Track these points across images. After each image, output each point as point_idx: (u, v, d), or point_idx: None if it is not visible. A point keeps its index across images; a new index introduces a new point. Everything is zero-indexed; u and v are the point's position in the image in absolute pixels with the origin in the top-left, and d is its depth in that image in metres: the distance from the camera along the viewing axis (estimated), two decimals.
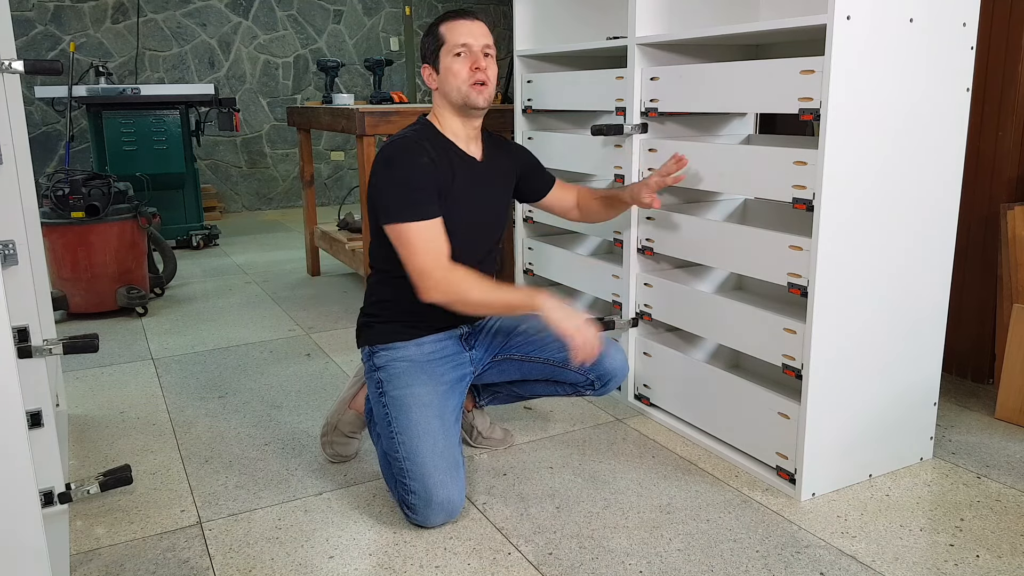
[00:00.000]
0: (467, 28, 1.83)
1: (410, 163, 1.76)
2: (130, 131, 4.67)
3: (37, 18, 5.52)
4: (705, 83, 1.98)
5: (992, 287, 2.45)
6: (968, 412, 2.32)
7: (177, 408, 2.43)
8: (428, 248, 1.72)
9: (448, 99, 1.85)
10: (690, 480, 1.93)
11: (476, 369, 1.95)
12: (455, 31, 1.82)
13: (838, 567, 1.57)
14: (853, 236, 1.75)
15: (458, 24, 1.83)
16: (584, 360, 1.73)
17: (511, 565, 1.60)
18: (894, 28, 1.69)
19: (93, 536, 1.72)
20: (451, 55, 1.82)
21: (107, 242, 3.33)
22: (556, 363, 1.90)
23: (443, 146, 1.85)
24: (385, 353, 1.86)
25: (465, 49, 1.81)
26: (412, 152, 1.78)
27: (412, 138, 1.82)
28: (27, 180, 1.98)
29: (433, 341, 1.89)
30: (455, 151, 1.86)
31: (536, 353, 1.92)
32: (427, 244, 1.72)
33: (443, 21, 1.85)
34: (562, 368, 1.90)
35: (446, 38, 1.82)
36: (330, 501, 1.86)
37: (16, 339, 1.27)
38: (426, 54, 1.87)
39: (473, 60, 1.82)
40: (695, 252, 2.08)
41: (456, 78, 1.81)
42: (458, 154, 1.86)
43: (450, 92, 1.83)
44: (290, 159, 6.54)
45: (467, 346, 1.95)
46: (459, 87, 1.81)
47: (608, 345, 1.90)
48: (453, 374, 1.87)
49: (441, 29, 1.84)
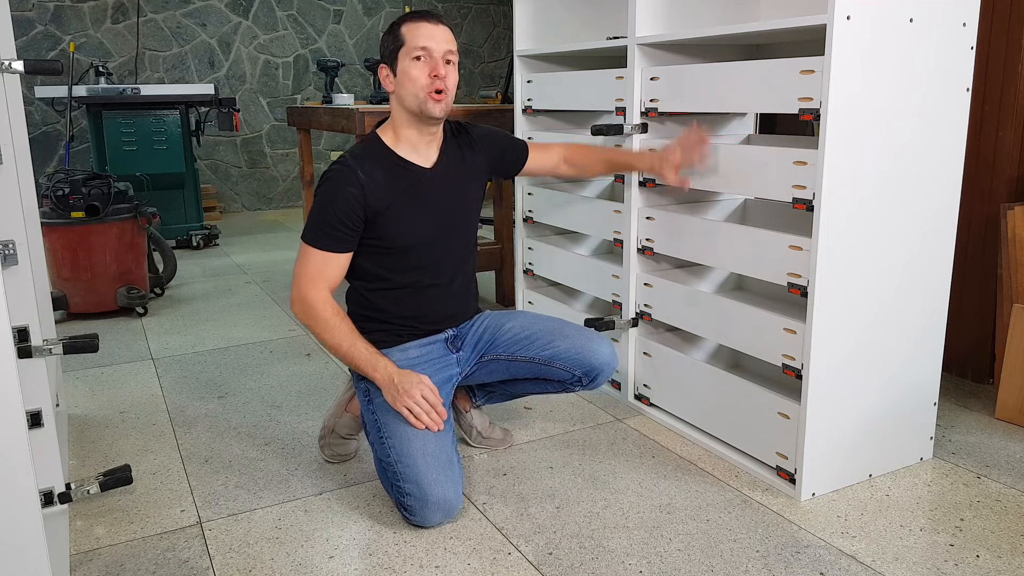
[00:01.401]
0: (429, 31, 1.75)
1: (334, 195, 1.76)
2: (130, 131, 4.67)
3: (37, 18, 5.52)
4: (705, 83, 1.98)
5: (992, 287, 2.45)
6: (968, 412, 2.32)
7: (177, 408, 2.43)
8: (314, 273, 1.78)
9: (403, 104, 1.79)
10: (690, 480, 1.93)
11: (464, 370, 1.95)
12: (416, 33, 1.75)
13: (838, 567, 1.57)
14: (853, 236, 1.75)
15: (421, 26, 1.76)
16: (422, 423, 1.73)
17: (511, 565, 1.60)
18: (894, 28, 1.69)
19: (93, 536, 1.72)
20: (410, 58, 1.75)
21: (107, 242, 3.33)
22: (541, 361, 1.90)
23: (385, 163, 1.82)
24: None
25: (425, 53, 1.74)
26: (340, 182, 1.77)
27: (349, 164, 1.78)
28: (27, 180, 1.98)
29: (418, 346, 1.90)
30: (400, 165, 1.83)
31: (522, 352, 1.91)
32: (316, 269, 1.78)
33: (405, 21, 1.78)
34: (548, 366, 1.90)
35: (406, 39, 1.75)
36: (330, 501, 1.86)
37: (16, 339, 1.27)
38: (384, 53, 1.80)
39: (433, 67, 1.75)
40: (695, 252, 2.08)
41: (414, 84, 1.74)
42: (403, 167, 1.83)
43: (406, 98, 1.77)
44: (290, 159, 6.54)
45: (453, 348, 1.95)
46: (416, 94, 1.75)
47: (592, 340, 1.89)
48: (439, 376, 1.87)
49: (402, 29, 1.77)
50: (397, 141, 1.85)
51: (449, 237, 1.90)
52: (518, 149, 2.11)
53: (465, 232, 1.96)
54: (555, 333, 1.90)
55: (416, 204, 1.83)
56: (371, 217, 1.78)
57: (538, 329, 1.92)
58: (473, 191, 1.98)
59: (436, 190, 1.87)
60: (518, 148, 2.11)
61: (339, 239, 1.78)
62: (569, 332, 1.91)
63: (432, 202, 1.86)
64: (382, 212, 1.78)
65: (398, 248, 1.83)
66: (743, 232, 1.92)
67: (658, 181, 2.18)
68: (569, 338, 1.89)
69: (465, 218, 1.95)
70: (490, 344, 1.94)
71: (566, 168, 2.16)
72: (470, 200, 1.97)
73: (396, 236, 1.81)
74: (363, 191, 1.76)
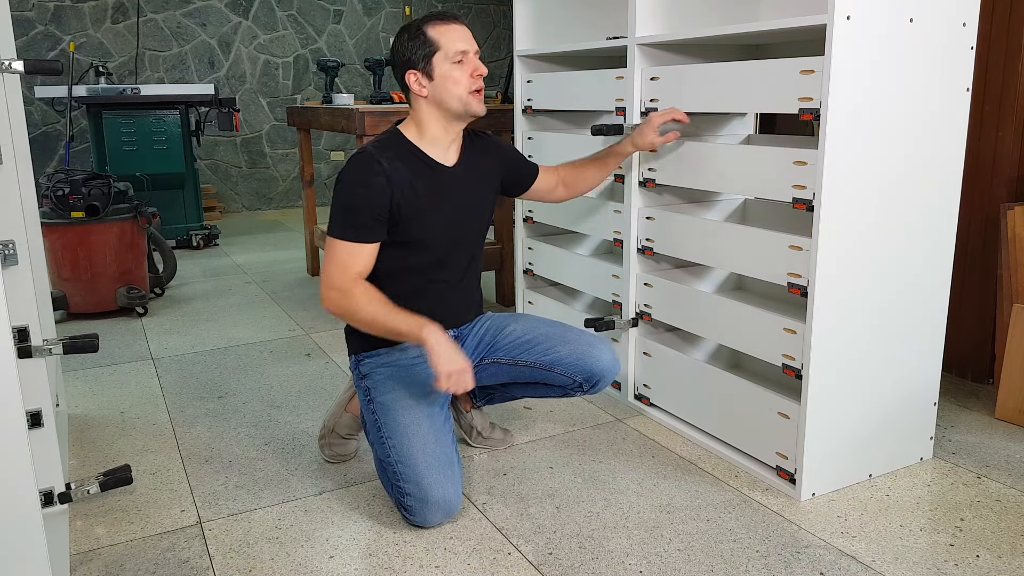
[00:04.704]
0: (459, 33, 1.79)
1: (359, 184, 1.76)
2: (130, 131, 4.67)
3: (37, 18, 5.52)
4: (705, 83, 1.98)
5: (992, 287, 2.45)
6: (968, 412, 2.32)
7: (177, 408, 2.43)
8: (343, 263, 1.76)
9: (444, 107, 1.80)
10: (690, 480, 1.93)
11: None
12: (449, 36, 1.77)
13: (838, 567, 1.57)
14: (853, 236, 1.75)
15: (450, 29, 1.78)
16: (448, 389, 1.68)
17: (511, 565, 1.60)
18: (894, 28, 1.69)
19: (93, 536, 1.72)
20: (450, 62, 1.77)
21: (107, 242, 3.33)
22: (542, 367, 1.90)
23: (408, 157, 1.82)
24: (370, 360, 1.87)
25: (464, 56, 1.78)
26: (365, 172, 1.76)
27: (372, 155, 1.78)
28: (27, 180, 1.98)
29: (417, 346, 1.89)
30: (423, 161, 1.83)
31: (523, 357, 1.91)
32: (344, 260, 1.76)
33: (430, 24, 1.79)
34: (548, 371, 1.90)
35: (440, 44, 1.77)
36: (330, 501, 1.86)
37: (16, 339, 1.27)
38: (414, 59, 1.80)
39: (473, 67, 1.79)
40: (695, 252, 2.08)
41: (458, 86, 1.77)
42: (426, 163, 1.83)
43: (448, 100, 1.79)
44: (290, 159, 6.54)
45: None
46: (460, 95, 1.78)
47: (593, 346, 1.89)
48: None
49: (431, 34, 1.78)
50: (421, 138, 1.85)
51: (462, 236, 1.91)
52: (529, 169, 2.12)
53: (477, 233, 1.97)
54: (556, 338, 1.90)
55: (436, 200, 1.84)
56: (394, 208, 1.78)
57: (539, 333, 1.91)
58: (488, 194, 1.99)
59: (456, 188, 1.88)
60: (529, 168, 2.12)
61: (367, 228, 1.76)
62: (570, 337, 1.90)
63: (451, 199, 1.87)
64: (404, 204, 1.78)
65: (413, 242, 1.82)
66: (743, 232, 1.92)
67: (657, 180, 2.18)
68: (570, 343, 1.89)
69: (479, 219, 1.96)
70: (491, 347, 1.94)
71: (562, 190, 2.17)
72: (485, 202, 1.98)
73: (413, 230, 1.81)
74: (389, 181, 1.76)
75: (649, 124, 2.05)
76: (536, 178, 2.12)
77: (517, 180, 2.10)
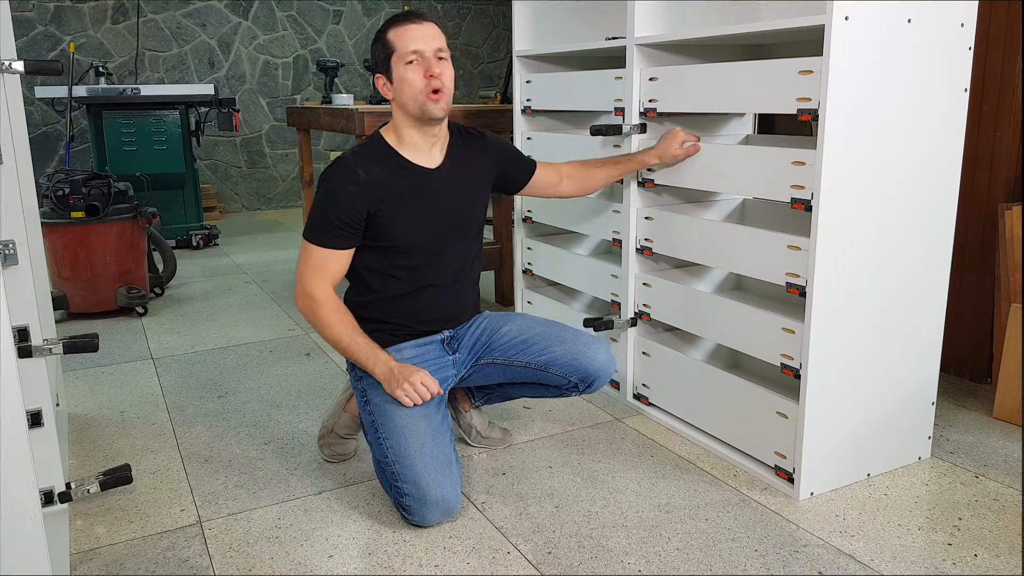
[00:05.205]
0: (415, 32, 1.75)
1: (333, 191, 1.77)
2: (130, 131, 4.67)
3: (37, 18, 5.52)
4: (704, 83, 1.98)
5: (990, 287, 2.45)
6: (966, 412, 2.32)
7: (177, 408, 2.43)
8: (316, 266, 1.80)
9: (405, 110, 1.79)
10: (689, 479, 1.94)
11: (459, 371, 1.95)
12: (404, 37, 1.75)
13: (836, 566, 1.58)
14: (851, 236, 1.76)
15: (407, 29, 1.76)
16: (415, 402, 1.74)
17: (510, 564, 1.60)
18: (892, 28, 1.70)
19: (93, 535, 1.73)
20: (403, 63, 1.75)
21: (107, 242, 3.34)
22: (538, 367, 1.90)
23: (388, 162, 1.82)
24: None
25: (416, 56, 1.74)
26: (341, 180, 1.77)
27: (348, 162, 1.80)
28: (27, 180, 1.98)
29: (413, 347, 1.90)
30: (401, 164, 1.83)
31: (518, 357, 1.91)
32: (317, 263, 1.79)
33: (390, 27, 1.78)
34: (544, 372, 1.90)
35: (396, 45, 1.75)
36: (329, 500, 1.86)
37: (16, 339, 1.28)
38: (378, 63, 1.80)
39: (426, 67, 1.75)
40: (694, 252, 2.08)
41: (412, 88, 1.74)
42: (405, 167, 1.83)
43: (406, 103, 1.77)
44: (290, 159, 6.54)
45: (450, 350, 1.94)
46: (415, 97, 1.75)
47: (589, 346, 1.89)
48: (435, 376, 1.87)
49: (389, 36, 1.77)
50: (400, 142, 1.85)
51: (451, 238, 1.90)
52: (526, 165, 2.11)
53: (469, 234, 1.95)
54: (552, 338, 1.90)
55: (417, 203, 1.83)
56: (371, 214, 1.78)
57: (535, 334, 1.92)
58: (480, 194, 1.98)
59: (440, 190, 1.86)
60: (526, 164, 2.11)
61: (338, 236, 1.78)
62: (566, 337, 1.90)
63: (434, 202, 1.86)
64: (382, 210, 1.79)
65: (396, 246, 1.83)
66: (742, 232, 1.93)
67: (656, 180, 2.18)
68: (566, 343, 1.89)
69: (469, 220, 1.94)
70: (486, 347, 1.94)
71: (568, 184, 2.15)
72: (476, 203, 1.96)
73: (395, 234, 1.81)
74: (362, 189, 1.76)
75: (675, 138, 2.03)
76: (534, 174, 2.11)
77: (513, 176, 2.09)
